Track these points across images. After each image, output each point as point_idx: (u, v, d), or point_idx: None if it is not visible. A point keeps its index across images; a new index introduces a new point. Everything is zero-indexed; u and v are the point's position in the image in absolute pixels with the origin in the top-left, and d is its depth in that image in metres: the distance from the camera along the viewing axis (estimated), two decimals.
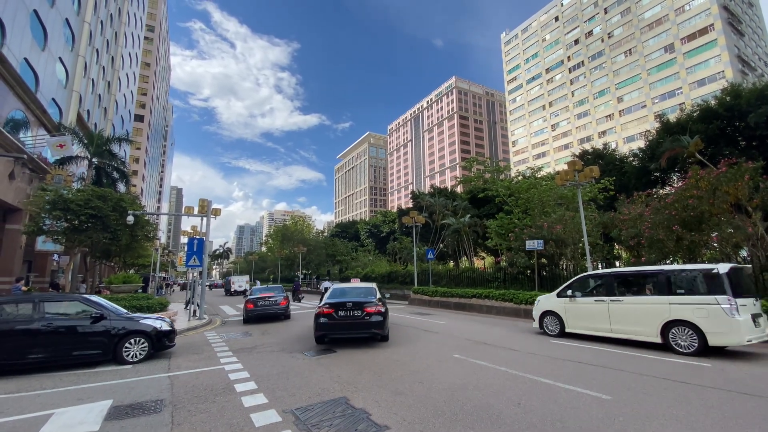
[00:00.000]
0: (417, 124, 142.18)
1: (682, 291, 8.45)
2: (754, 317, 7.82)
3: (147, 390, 6.09)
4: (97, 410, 5.17)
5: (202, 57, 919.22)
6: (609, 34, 76.62)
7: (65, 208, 16.61)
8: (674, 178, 25.40)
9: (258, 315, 15.57)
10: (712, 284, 8.01)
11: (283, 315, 16.16)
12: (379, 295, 10.48)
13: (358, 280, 26.68)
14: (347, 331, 9.52)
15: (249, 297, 16.25)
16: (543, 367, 6.99)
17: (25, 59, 20.46)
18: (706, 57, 61.29)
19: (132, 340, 8.33)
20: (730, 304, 7.57)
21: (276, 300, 15.96)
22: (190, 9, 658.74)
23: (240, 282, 40.19)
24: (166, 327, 8.95)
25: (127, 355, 8.24)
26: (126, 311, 9.22)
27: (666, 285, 8.70)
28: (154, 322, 8.89)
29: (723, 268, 8.02)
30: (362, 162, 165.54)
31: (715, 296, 7.79)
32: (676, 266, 10.04)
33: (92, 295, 9.42)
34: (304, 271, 52.40)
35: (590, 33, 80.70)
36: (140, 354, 8.37)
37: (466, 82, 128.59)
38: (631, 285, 9.75)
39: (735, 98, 22.91)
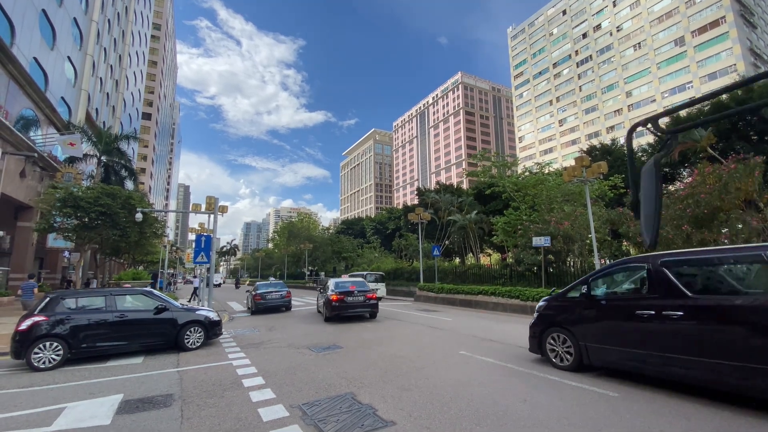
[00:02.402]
0: (422, 121, 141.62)
1: (372, 279, 24.59)
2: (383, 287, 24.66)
3: (157, 385, 6.18)
4: (109, 404, 5.26)
5: (209, 55, 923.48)
6: (618, 27, 75.51)
7: (75, 205, 16.83)
8: (684, 173, 25.07)
9: (265, 307, 17.52)
10: (378, 278, 25.78)
11: (284, 306, 18.21)
12: (370, 286, 14.91)
13: (347, 276, 28.98)
14: (354, 310, 13.45)
15: (257, 291, 17.87)
16: (549, 363, 6.97)
17: (35, 58, 20.68)
18: (717, 50, 60.16)
19: (191, 329, 9.04)
20: (377, 285, 24.03)
21: (281, 294, 18.11)
22: (196, 7, 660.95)
23: (217, 277, 57.52)
24: (215, 317, 9.67)
25: (188, 343, 8.92)
26: (179, 303, 9.88)
27: (365, 277, 23.68)
28: (207, 312, 9.61)
29: (373, 275, 25.65)
30: (368, 159, 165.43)
31: (376, 283, 24.72)
32: (367, 271, 27.44)
33: (152, 289, 10.19)
34: (310, 268, 52.68)
35: (598, 26, 79.59)
36: (198, 342, 9.09)
37: (472, 78, 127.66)
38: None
39: (747, 92, 22.50)
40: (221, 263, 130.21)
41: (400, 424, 4.29)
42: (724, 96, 24.30)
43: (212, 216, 17.93)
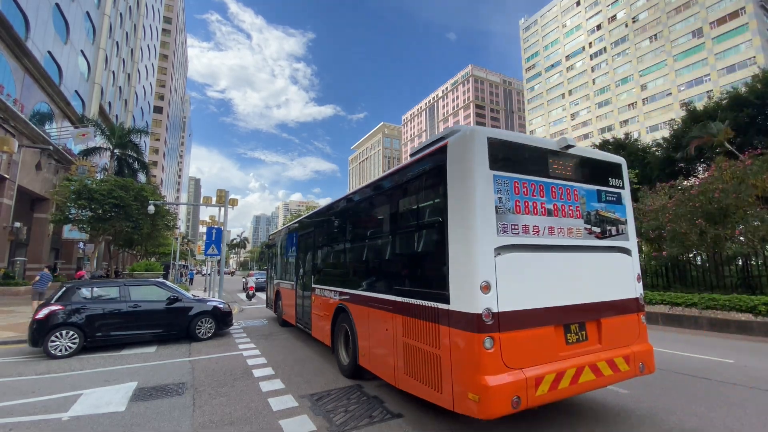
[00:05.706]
0: (432, 114, 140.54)
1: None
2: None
3: (169, 374, 6.32)
4: (123, 391, 5.40)
5: (219, 49, 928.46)
6: (633, 18, 73.64)
7: (89, 197, 17.14)
8: (700, 168, 24.54)
9: (257, 288, 22.95)
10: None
11: None
12: None
13: None
14: None
15: (254, 277, 23.47)
16: None
17: (49, 52, 20.97)
18: (736, 42, 58.33)
19: (202, 320, 9.21)
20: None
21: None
22: (207, 0, 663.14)
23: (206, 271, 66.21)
24: (226, 308, 9.81)
25: (199, 333, 9.10)
26: (190, 294, 10.08)
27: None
28: (218, 303, 9.76)
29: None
30: (376, 153, 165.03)
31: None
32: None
33: (164, 280, 10.39)
34: None
35: (613, 18, 77.71)
36: (209, 332, 9.26)
37: (482, 71, 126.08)
38: None
39: (767, 85, 21.88)
40: (231, 256, 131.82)
41: (408, 417, 4.32)
42: (743, 89, 23.67)
43: (223, 209, 18.11)
